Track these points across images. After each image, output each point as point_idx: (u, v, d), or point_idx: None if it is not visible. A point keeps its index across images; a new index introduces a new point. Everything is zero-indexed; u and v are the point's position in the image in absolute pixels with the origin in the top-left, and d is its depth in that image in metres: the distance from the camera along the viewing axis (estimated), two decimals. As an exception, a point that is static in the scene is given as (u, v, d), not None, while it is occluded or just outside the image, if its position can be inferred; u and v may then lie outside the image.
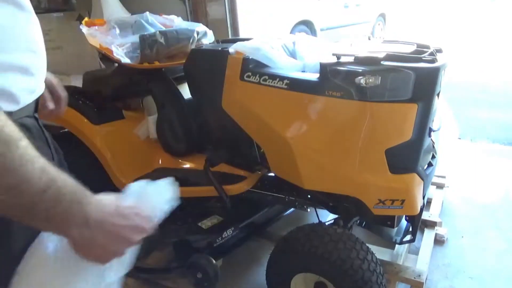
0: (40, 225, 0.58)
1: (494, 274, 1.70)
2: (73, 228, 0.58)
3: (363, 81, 1.17)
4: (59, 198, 0.56)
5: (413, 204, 1.28)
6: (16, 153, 0.51)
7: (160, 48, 1.61)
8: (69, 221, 0.57)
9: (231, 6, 3.19)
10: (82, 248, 0.60)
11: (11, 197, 0.52)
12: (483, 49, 7.13)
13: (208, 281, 1.46)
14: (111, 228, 0.61)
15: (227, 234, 1.59)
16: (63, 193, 0.56)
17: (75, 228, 0.58)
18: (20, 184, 0.52)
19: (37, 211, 0.55)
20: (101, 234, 0.60)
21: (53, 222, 0.57)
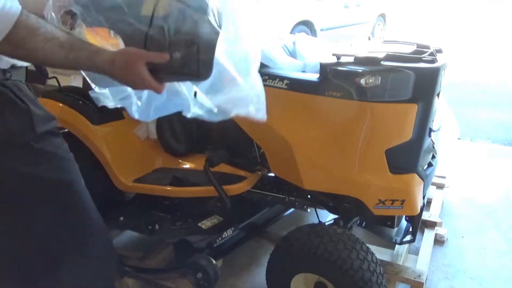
0: (94, 70, 0.92)
1: (494, 274, 1.70)
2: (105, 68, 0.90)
3: (363, 81, 1.17)
4: (76, 59, 0.86)
5: (413, 204, 1.28)
6: (39, 36, 0.80)
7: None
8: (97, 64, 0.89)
9: (231, 6, 3.18)
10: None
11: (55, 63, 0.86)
12: (483, 49, 7.13)
13: (208, 281, 1.46)
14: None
15: (227, 234, 1.59)
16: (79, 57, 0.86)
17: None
18: (46, 56, 0.83)
19: (79, 66, 0.91)
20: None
21: (93, 69, 0.91)
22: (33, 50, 0.81)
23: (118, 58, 0.90)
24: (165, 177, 1.69)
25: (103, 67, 0.89)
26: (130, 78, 0.92)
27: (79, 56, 0.86)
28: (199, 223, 1.58)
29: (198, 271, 1.47)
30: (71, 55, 0.85)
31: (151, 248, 1.81)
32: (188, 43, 0.97)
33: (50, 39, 0.82)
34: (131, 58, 0.91)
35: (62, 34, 0.85)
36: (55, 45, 0.82)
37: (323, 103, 1.25)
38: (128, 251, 1.83)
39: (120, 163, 1.66)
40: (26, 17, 0.79)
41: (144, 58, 0.92)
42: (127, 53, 0.93)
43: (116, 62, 0.89)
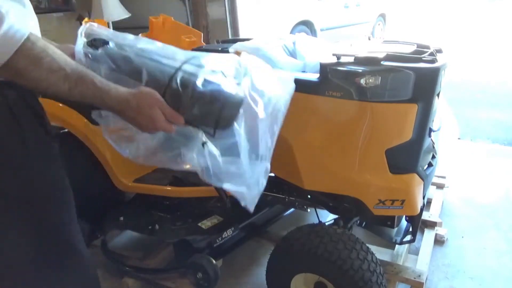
0: (101, 107, 0.86)
1: (494, 274, 1.70)
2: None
3: (363, 81, 1.17)
4: (82, 94, 0.80)
5: (413, 204, 1.28)
6: (42, 66, 0.74)
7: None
8: (106, 103, 0.83)
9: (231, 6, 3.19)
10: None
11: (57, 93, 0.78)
12: (483, 49, 7.13)
13: (208, 281, 1.46)
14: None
15: (227, 234, 1.59)
16: (86, 92, 0.80)
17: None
18: (49, 87, 0.76)
19: (85, 101, 0.81)
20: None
21: (100, 106, 0.85)
22: (35, 81, 0.75)
23: (133, 99, 0.84)
24: (165, 177, 1.69)
25: (112, 107, 0.84)
26: (142, 121, 0.87)
27: (85, 92, 0.80)
28: (199, 223, 1.58)
29: (198, 271, 1.47)
30: (77, 90, 0.79)
31: (151, 248, 1.81)
32: (211, 100, 0.92)
33: (55, 70, 0.76)
34: (148, 102, 0.86)
35: (69, 65, 0.78)
36: (60, 77, 0.76)
37: (323, 103, 1.25)
38: (128, 251, 1.83)
39: (120, 163, 1.66)
40: (32, 44, 0.73)
41: (161, 107, 0.87)
42: (144, 95, 0.86)
43: (130, 103, 0.84)
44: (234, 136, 0.96)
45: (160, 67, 0.95)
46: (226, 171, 0.97)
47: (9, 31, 0.69)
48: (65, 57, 0.79)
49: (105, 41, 0.96)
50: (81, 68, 0.81)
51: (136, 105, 0.85)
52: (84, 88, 0.79)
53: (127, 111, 0.85)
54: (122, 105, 0.84)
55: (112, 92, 0.83)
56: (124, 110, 0.85)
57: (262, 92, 1.00)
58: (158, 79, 0.92)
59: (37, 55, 0.73)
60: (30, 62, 0.73)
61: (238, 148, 0.97)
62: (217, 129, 0.95)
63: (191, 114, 0.92)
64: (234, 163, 0.98)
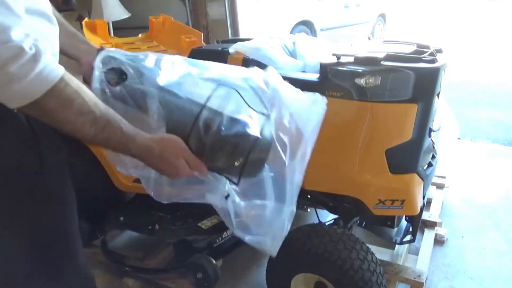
0: (123, 154, 0.83)
1: (494, 274, 1.70)
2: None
3: (363, 81, 1.17)
4: (107, 140, 0.77)
5: (413, 204, 1.28)
6: (72, 109, 0.70)
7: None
8: (130, 151, 0.80)
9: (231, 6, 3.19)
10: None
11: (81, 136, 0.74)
12: (483, 49, 7.13)
13: (208, 281, 1.46)
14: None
15: (227, 234, 1.59)
16: (111, 138, 0.77)
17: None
18: (74, 130, 0.72)
19: (107, 147, 0.80)
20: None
21: (123, 153, 0.82)
22: (61, 122, 0.71)
23: (157, 147, 0.82)
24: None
25: (135, 154, 0.82)
26: (165, 169, 0.85)
27: (111, 138, 0.76)
28: (199, 223, 1.58)
29: (198, 271, 1.47)
30: (102, 135, 0.75)
31: (151, 248, 1.81)
32: (235, 150, 0.86)
33: (84, 113, 0.72)
34: (172, 152, 0.84)
35: (99, 107, 0.74)
36: (87, 120, 0.72)
37: (323, 103, 1.24)
38: (128, 251, 1.83)
39: (120, 163, 1.66)
40: (65, 85, 0.69)
41: (185, 156, 0.85)
42: (168, 143, 0.84)
43: (154, 151, 0.82)
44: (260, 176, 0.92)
45: (183, 107, 0.89)
46: (250, 220, 0.93)
47: (44, 70, 0.66)
48: (96, 99, 0.75)
49: (122, 73, 0.90)
50: (110, 111, 0.77)
51: (159, 154, 0.82)
52: (110, 134, 0.76)
53: (149, 158, 0.83)
54: (145, 153, 0.82)
55: (137, 139, 0.80)
56: (147, 157, 0.83)
57: (293, 128, 0.94)
58: (181, 121, 0.87)
59: (68, 96, 0.70)
60: (60, 103, 0.69)
61: (264, 189, 0.93)
62: (242, 177, 0.90)
63: (214, 165, 0.88)
64: (258, 210, 0.93)
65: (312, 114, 0.99)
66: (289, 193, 0.95)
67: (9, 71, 0.62)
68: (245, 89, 0.94)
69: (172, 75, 0.93)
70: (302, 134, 0.96)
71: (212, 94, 0.90)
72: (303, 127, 0.96)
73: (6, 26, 0.62)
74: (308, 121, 0.97)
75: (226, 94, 0.91)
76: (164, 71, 0.93)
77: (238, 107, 0.89)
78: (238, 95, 0.91)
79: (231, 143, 0.86)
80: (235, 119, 0.87)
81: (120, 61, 0.92)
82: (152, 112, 0.89)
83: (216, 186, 0.93)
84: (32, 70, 0.64)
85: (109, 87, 0.89)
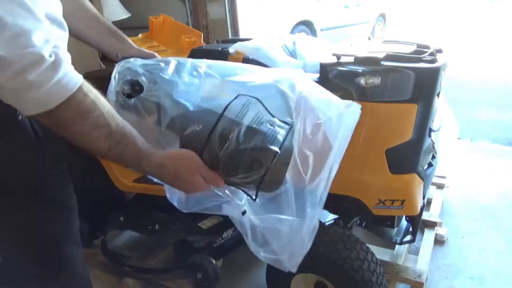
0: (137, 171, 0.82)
1: (494, 274, 1.70)
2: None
3: (363, 81, 1.17)
4: (121, 155, 0.74)
5: (413, 204, 1.28)
6: (87, 121, 0.68)
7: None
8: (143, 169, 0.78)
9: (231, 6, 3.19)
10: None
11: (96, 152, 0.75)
12: (483, 49, 7.12)
13: (208, 281, 1.46)
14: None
15: (227, 234, 1.59)
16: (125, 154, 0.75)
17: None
18: (87, 143, 0.71)
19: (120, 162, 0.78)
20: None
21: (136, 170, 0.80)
22: (75, 134, 0.69)
23: (170, 164, 0.79)
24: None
25: (148, 172, 0.80)
26: (181, 185, 0.83)
27: (125, 154, 0.74)
28: (199, 223, 1.58)
29: (198, 271, 1.47)
30: (116, 150, 0.73)
31: (151, 248, 1.81)
32: (252, 165, 0.82)
33: (100, 126, 0.70)
34: (187, 168, 0.81)
35: (116, 120, 0.72)
36: (102, 134, 0.70)
37: (323, 103, 1.24)
38: (128, 251, 1.83)
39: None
40: (83, 96, 0.67)
41: (200, 172, 0.82)
42: (182, 160, 0.81)
43: (168, 169, 0.79)
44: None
45: (198, 118, 0.85)
46: (268, 235, 0.89)
47: (63, 79, 0.63)
48: (113, 112, 0.73)
49: (137, 84, 0.87)
50: (126, 126, 0.75)
51: (173, 172, 0.80)
52: (125, 150, 0.74)
53: (164, 176, 0.81)
54: (159, 171, 0.79)
55: (151, 158, 0.77)
56: (161, 176, 0.81)
57: (320, 140, 0.87)
58: (196, 134, 0.84)
59: (85, 107, 0.67)
60: (76, 114, 0.66)
61: (284, 203, 0.88)
62: (259, 192, 0.86)
63: (230, 181, 0.85)
64: (277, 225, 0.87)
65: (343, 123, 0.92)
66: (313, 204, 0.91)
67: (28, 78, 0.59)
68: (270, 95, 0.88)
69: (192, 84, 0.89)
70: (331, 146, 0.89)
71: (231, 103, 0.85)
72: (332, 138, 0.89)
73: (27, 29, 0.59)
74: (338, 130, 0.91)
75: (246, 102, 0.86)
76: (183, 80, 0.89)
77: (258, 116, 0.84)
78: (259, 103, 0.86)
79: (249, 157, 0.82)
80: (254, 130, 0.82)
81: (137, 72, 0.89)
82: (165, 126, 0.86)
83: (232, 200, 0.88)
84: (51, 78, 0.61)
85: (124, 99, 0.87)
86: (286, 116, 0.87)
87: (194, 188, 0.83)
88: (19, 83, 0.60)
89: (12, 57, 0.57)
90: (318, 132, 0.88)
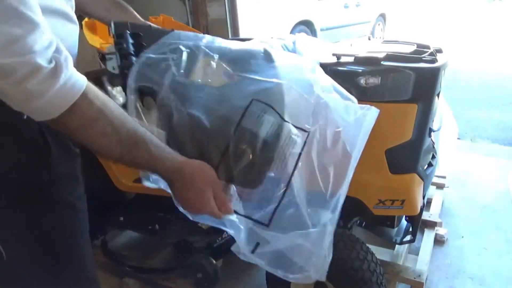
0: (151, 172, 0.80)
1: (494, 274, 1.70)
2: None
3: (363, 81, 1.17)
4: (134, 161, 0.71)
5: (413, 204, 1.27)
6: (94, 129, 0.64)
7: None
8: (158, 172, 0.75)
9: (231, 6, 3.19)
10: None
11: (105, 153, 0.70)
12: (483, 49, 7.13)
13: (208, 281, 1.46)
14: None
15: (227, 234, 1.59)
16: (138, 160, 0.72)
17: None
18: (99, 150, 0.68)
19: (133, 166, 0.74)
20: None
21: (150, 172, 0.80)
22: (83, 141, 0.66)
23: (188, 169, 0.75)
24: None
25: (163, 176, 0.76)
26: (190, 196, 0.77)
27: (138, 159, 0.71)
28: (199, 223, 1.58)
29: (198, 271, 1.47)
30: (128, 156, 0.70)
31: (151, 248, 1.81)
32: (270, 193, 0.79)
33: (108, 134, 0.66)
34: (202, 178, 0.76)
35: (126, 126, 0.68)
36: (112, 142, 0.67)
37: (323, 103, 1.24)
38: (128, 251, 1.83)
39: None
40: (89, 103, 0.62)
41: (214, 187, 0.77)
42: (199, 168, 0.77)
43: (183, 174, 0.75)
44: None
45: (217, 126, 0.80)
46: (291, 254, 0.84)
47: (66, 85, 0.59)
48: (123, 116, 0.68)
49: (151, 92, 0.83)
50: (139, 131, 0.70)
51: (189, 176, 0.75)
52: (137, 155, 0.70)
53: (177, 181, 0.76)
54: (173, 175, 0.75)
55: (166, 162, 0.74)
56: (175, 179, 0.76)
57: (340, 150, 0.84)
58: (212, 146, 0.80)
59: (91, 116, 0.63)
60: (82, 122, 0.63)
61: (300, 218, 0.84)
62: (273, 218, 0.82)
63: (242, 211, 0.80)
64: (300, 240, 0.82)
65: (362, 128, 0.89)
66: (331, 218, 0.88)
67: (28, 87, 0.56)
68: (287, 98, 0.83)
69: (205, 85, 0.84)
70: (350, 155, 0.86)
71: (246, 110, 0.81)
72: (351, 146, 0.86)
73: (19, 35, 0.54)
74: (357, 137, 0.87)
75: (261, 112, 0.82)
76: (196, 82, 0.84)
77: (273, 127, 0.81)
78: (274, 111, 0.82)
79: (264, 177, 0.78)
80: (269, 144, 0.79)
81: (151, 78, 0.85)
82: (178, 137, 0.83)
83: (239, 232, 0.83)
84: (52, 86, 0.58)
85: (143, 109, 0.84)
86: (303, 122, 0.84)
87: (201, 204, 0.78)
88: (20, 93, 0.57)
89: (8, 65, 0.54)
90: (338, 142, 0.85)
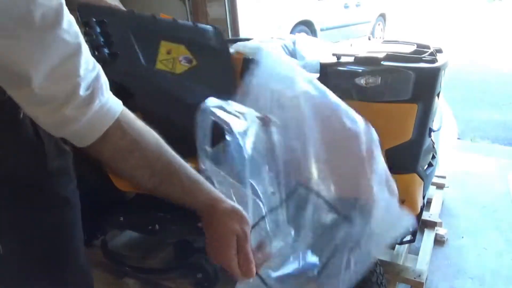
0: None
1: (494, 274, 1.70)
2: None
3: (363, 81, 1.17)
4: (166, 193, 0.67)
5: (413, 204, 1.28)
6: (128, 162, 0.60)
7: None
8: (192, 205, 0.69)
9: (231, 6, 3.19)
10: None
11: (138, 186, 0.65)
12: (482, 49, 7.13)
13: (208, 281, 1.46)
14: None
15: (227, 234, 1.59)
16: (170, 193, 0.68)
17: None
18: (131, 180, 0.64)
19: (165, 198, 0.68)
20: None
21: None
22: (117, 172, 0.63)
23: (220, 208, 0.68)
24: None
25: (195, 209, 0.71)
26: (214, 231, 0.69)
27: (170, 193, 0.67)
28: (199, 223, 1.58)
29: (198, 271, 1.47)
30: (161, 188, 0.66)
31: (151, 248, 1.81)
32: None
33: (141, 166, 0.62)
34: (233, 219, 0.67)
35: (161, 160, 0.64)
36: (145, 174, 0.63)
37: (323, 103, 1.24)
38: (128, 251, 1.83)
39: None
40: (123, 133, 0.58)
41: (240, 240, 0.67)
42: (233, 211, 0.69)
43: (216, 209, 0.68)
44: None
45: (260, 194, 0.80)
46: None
47: (103, 108, 0.55)
48: (160, 149, 0.64)
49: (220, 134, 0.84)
50: (173, 164, 0.65)
51: (220, 216, 0.68)
52: (169, 189, 0.67)
53: (207, 218, 0.70)
54: (205, 211, 0.70)
55: (200, 197, 0.69)
56: (205, 216, 0.70)
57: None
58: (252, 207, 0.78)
59: (125, 148, 0.59)
60: (115, 153, 0.59)
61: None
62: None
63: (271, 281, 0.77)
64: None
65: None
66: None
67: (66, 113, 0.53)
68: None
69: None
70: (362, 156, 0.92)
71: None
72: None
73: (65, 59, 0.50)
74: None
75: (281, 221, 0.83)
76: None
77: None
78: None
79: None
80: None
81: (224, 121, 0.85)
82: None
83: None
84: (89, 110, 0.54)
85: (210, 150, 0.85)
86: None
87: (222, 250, 0.68)
88: (57, 119, 0.54)
89: (51, 94, 0.52)
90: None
